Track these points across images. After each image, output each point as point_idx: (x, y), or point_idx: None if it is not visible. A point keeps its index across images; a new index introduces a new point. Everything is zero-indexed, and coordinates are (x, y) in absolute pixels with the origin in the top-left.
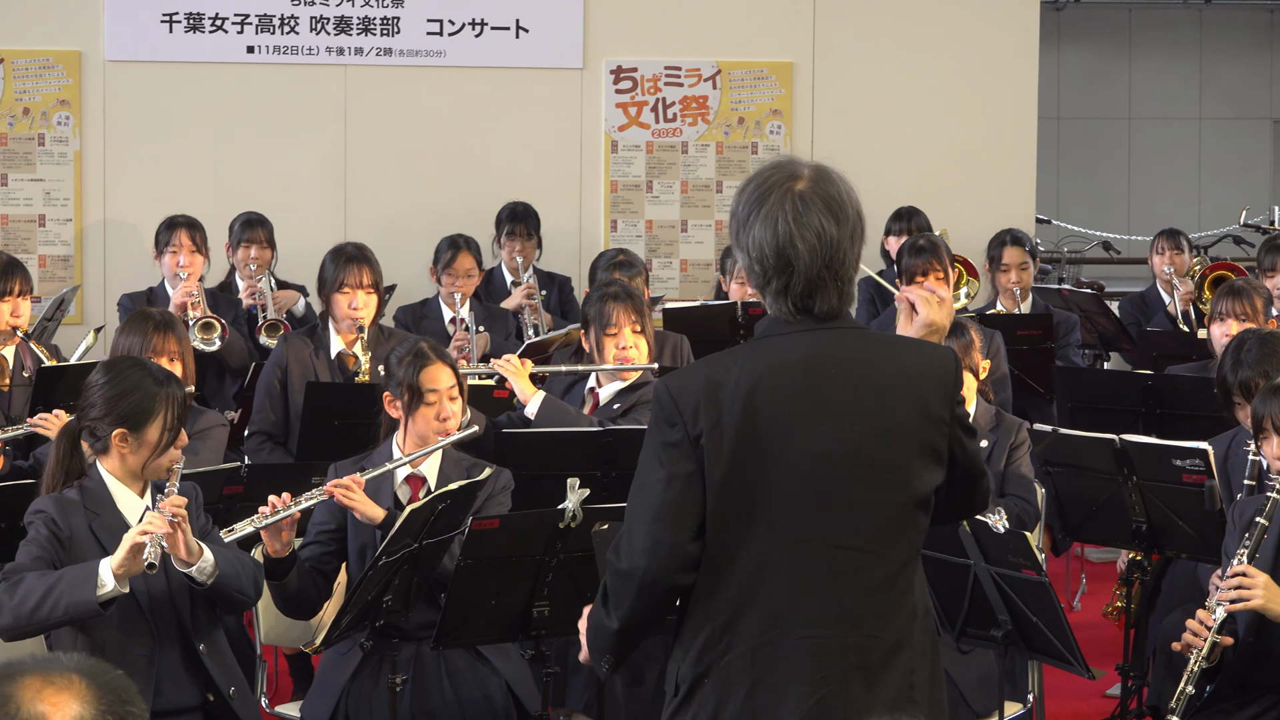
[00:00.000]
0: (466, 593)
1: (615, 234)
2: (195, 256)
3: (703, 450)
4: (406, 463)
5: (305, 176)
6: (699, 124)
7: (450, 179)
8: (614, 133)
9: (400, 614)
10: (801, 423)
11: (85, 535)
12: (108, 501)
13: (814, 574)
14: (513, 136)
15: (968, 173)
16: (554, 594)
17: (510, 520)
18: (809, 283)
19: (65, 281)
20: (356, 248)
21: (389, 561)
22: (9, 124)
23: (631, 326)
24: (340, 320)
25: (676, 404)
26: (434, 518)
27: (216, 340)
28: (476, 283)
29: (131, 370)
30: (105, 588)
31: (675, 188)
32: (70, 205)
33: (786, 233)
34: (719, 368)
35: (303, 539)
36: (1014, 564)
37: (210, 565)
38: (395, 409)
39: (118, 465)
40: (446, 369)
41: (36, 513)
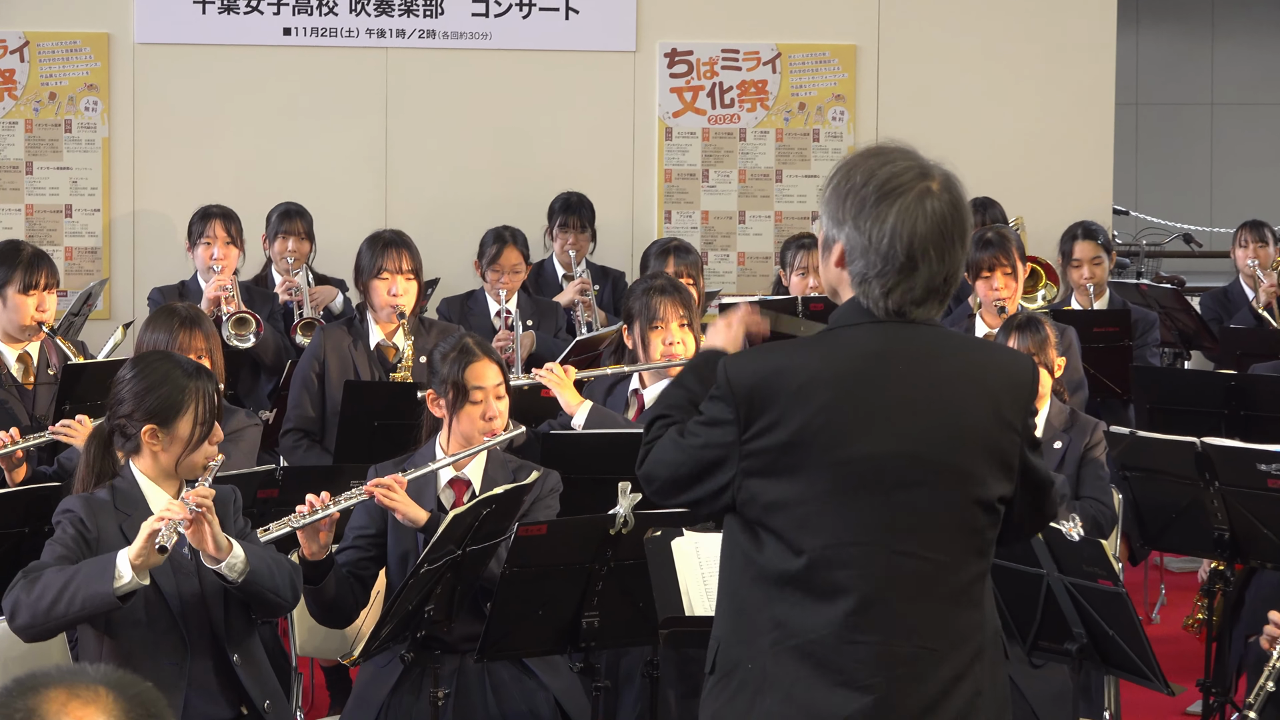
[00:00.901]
0: (512, 602)
1: (669, 225)
2: (230, 249)
3: (750, 439)
4: (450, 464)
5: (344, 165)
6: (758, 110)
7: (496, 168)
8: (668, 119)
9: (443, 624)
10: (862, 419)
11: (115, 536)
12: (139, 501)
13: (869, 581)
14: (561, 123)
15: (1041, 162)
16: (604, 604)
17: (558, 526)
18: (927, 292)
19: (93, 275)
20: (395, 232)
21: (431, 569)
22: (35, 109)
23: (679, 321)
24: (379, 309)
25: (731, 385)
26: (478, 523)
27: (251, 337)
28: (523, 278)
29: (159, 363)
30: (123, 579)
31: (732, 177)
32: (98, 195)
33: (925, 238)
34: (781, 355)
35: (340, 543)
36: (1089, 573)
37: (241, 562)
38: (438, 408)
39: (150, 464)
40: (493, 366)
41: (64, 512)
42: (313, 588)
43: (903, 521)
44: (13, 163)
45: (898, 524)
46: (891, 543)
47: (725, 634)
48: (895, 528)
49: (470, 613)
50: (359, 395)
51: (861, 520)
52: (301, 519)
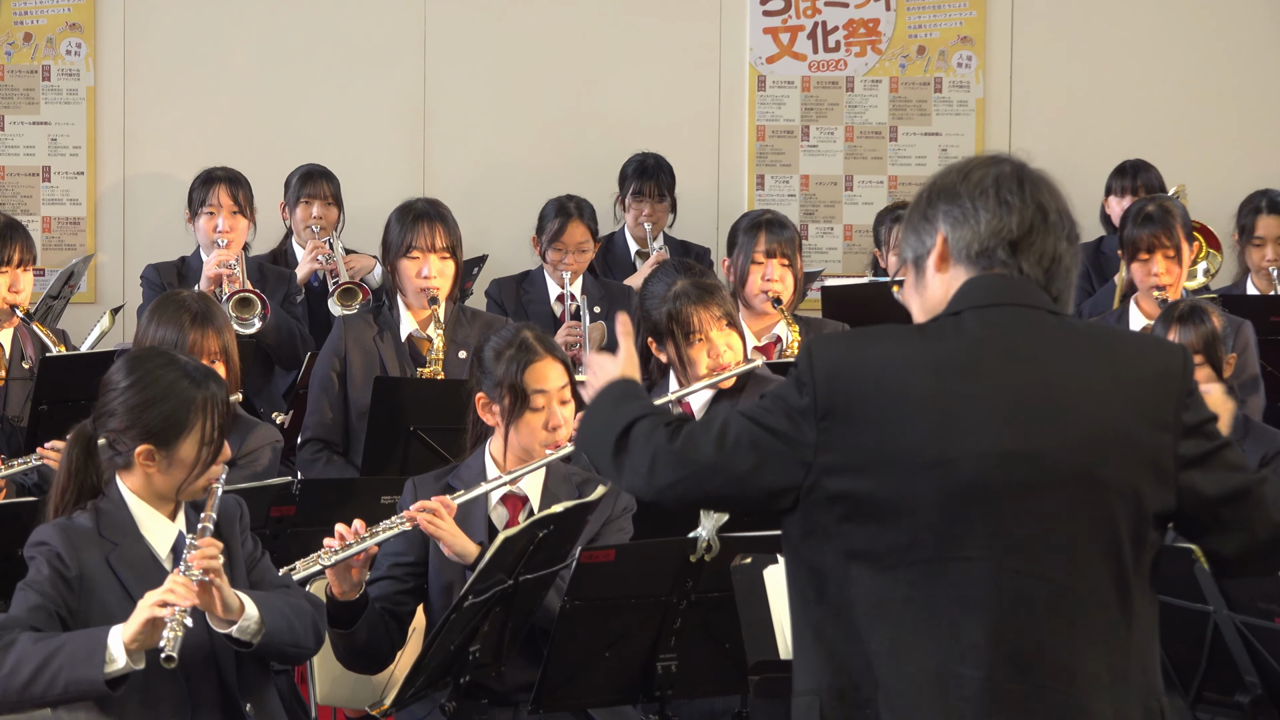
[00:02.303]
0: (574, 642)
1: (762, 193)
2: (237, 218)
3: (827, 435)
4: (506, 483)
5: (374, 121)
6: (868, 54)
7: (554, 125)
8: (761, 65)
9: (491, 669)
10: (970, 416)
11: (101, 572)
12: (129, 528)
13: (974, 603)
14: (633, 71)
15: (1210, 119)
16: (683, 644)
17: (629, 551)
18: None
19: (75, 250)
20: (428, 203)
21: (477, 602)
22: (6, 53)
23: (718, 325)
24: (409, 293)
25: (813, 369)
26: (534, 547)
27: (255, 321)
28: (590, 257)
29: (162, 370)
30: (115, 664)
31: (838, 134)
32: (82, 155)
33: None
34: (874, 345)
35: (372, 572)
36: (1265, 611)
37: (254, 623)
38: (491, 414)
39: (142, 484)
40: (558, 365)
41: (38, 545)
42: (343, 631)
43: (1018, 534)
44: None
45: (1012, 537)
46: (1004, 559)
47: (824, 685)
48: (1008, 541)
49: (524, 655)
50: (391, 394)
51: (967, 531)
52: (332, 555)
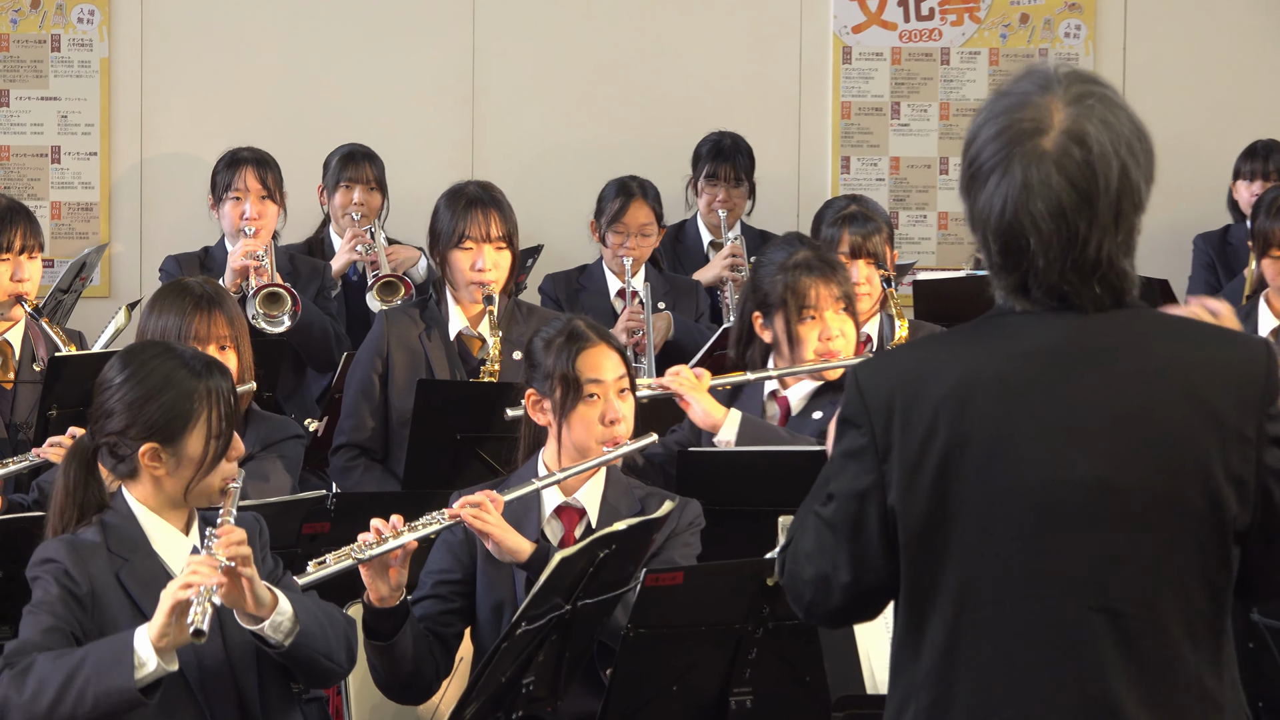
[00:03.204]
0: (638, 673)
1: (847, 176)
2: (266, 204)
3: (890, 466)
4: (557, 481)
5: (417, 97)
6: (965, 23)
7: (617, 101)
8: (846, 35)
9: (547, 702)
10: (1031, 435)
11: (112, 589)
12: (139, 541)
13: (1042, 640)
14: (705, 42)
15: None
16: (759, 677)
17: (699, 573)
18: (1050, 290)
19: (88, 239)
20: (481, 187)
21: (531, 629)
22: (12, 21)
23: (835, 306)
24: (461, 287)
25: (864, 399)
26: (594, 568)
27: (285, 318)
28: (654, 243)
29: (158, 361)
30: (145, 667)
31: (932, 112)
32: (95, 134)
33: (1015, 216)
34: (926, 355)
35: (413, 592)
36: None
37: (288, 619)
38: (542, 413)
39: (151, 491)
40: (613, 353)
41: (43, 564)
42: (380, 645)
43: (1088, 565)
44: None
45: (1082, 569)
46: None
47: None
48: (1079, 574)
49: (584, 686)
50: (436, 399)
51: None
52: (368, 549)
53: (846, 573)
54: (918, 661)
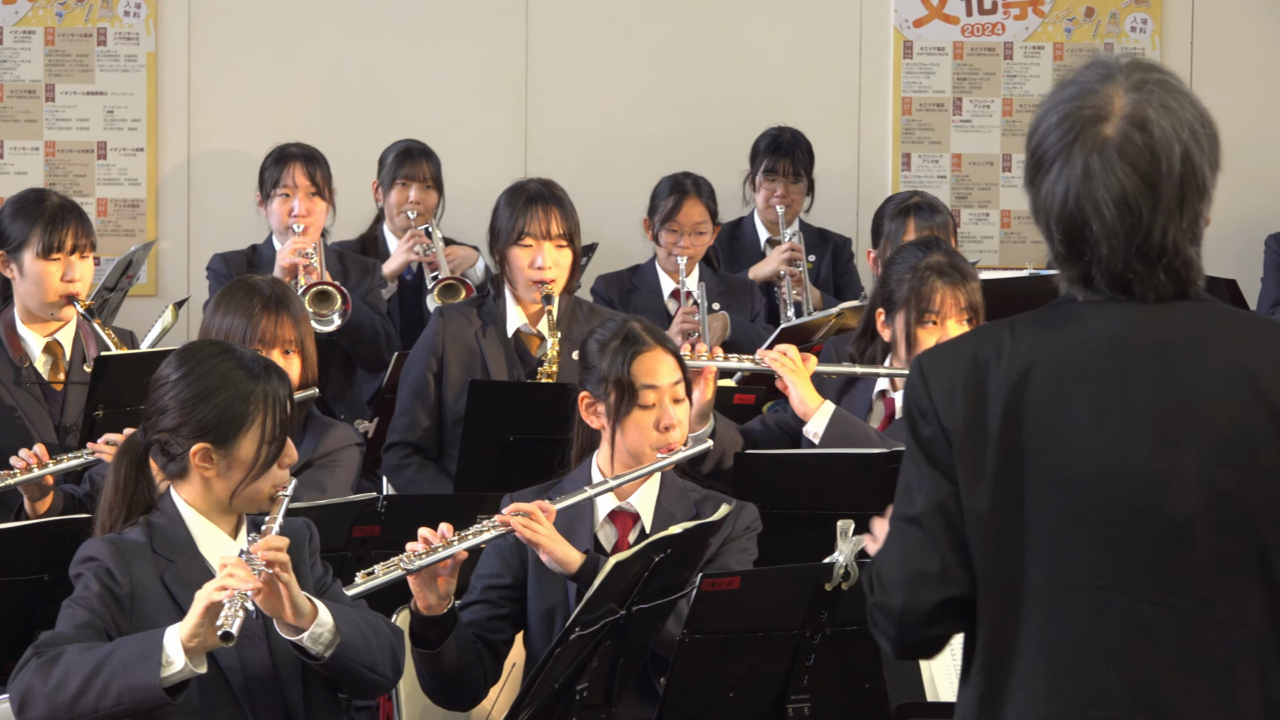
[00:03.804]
0: (693, 680)
1: (908, 173)
2: (314, 201)
3: (955, 453)
4: (611, 488)
5: (469, 92)
6: (1029, 17)
7: (673, 95)
8: (907, 29)
9: (601, 709)
10: (1088, 425)
11: (155, 591)
12: (186, 543)
13: (1100, 636)
14: (762, 35)
15: None
16: (817, 683)
17: (756, 578)
18: (1113, 279)
19: (134, 236)
20: (543, 184)
21: (585, 634)
22: (57, 15)
23: (959, 315)
24: (519, 286)
25: (928, 387)
26: (649, 573)
27: (334, 318)
28: (709, 241)
29: (216, 360)
30: (172, 666)
31: (995, 107)
32: (141, 129)
33: (1078, 204)
34: (988, 342)
35: (462, 596)
36: None
37: (328, 630)
38: (596, 416)
39: (199, 493)
40: (669, 358)
41: (85, 561)
42: (428, 653)
43: (1142, 559)
44: (28, 86)
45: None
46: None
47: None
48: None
49: (638, 693)
50: (489, 399)
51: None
52: (416, 559)
53: (936, 560)
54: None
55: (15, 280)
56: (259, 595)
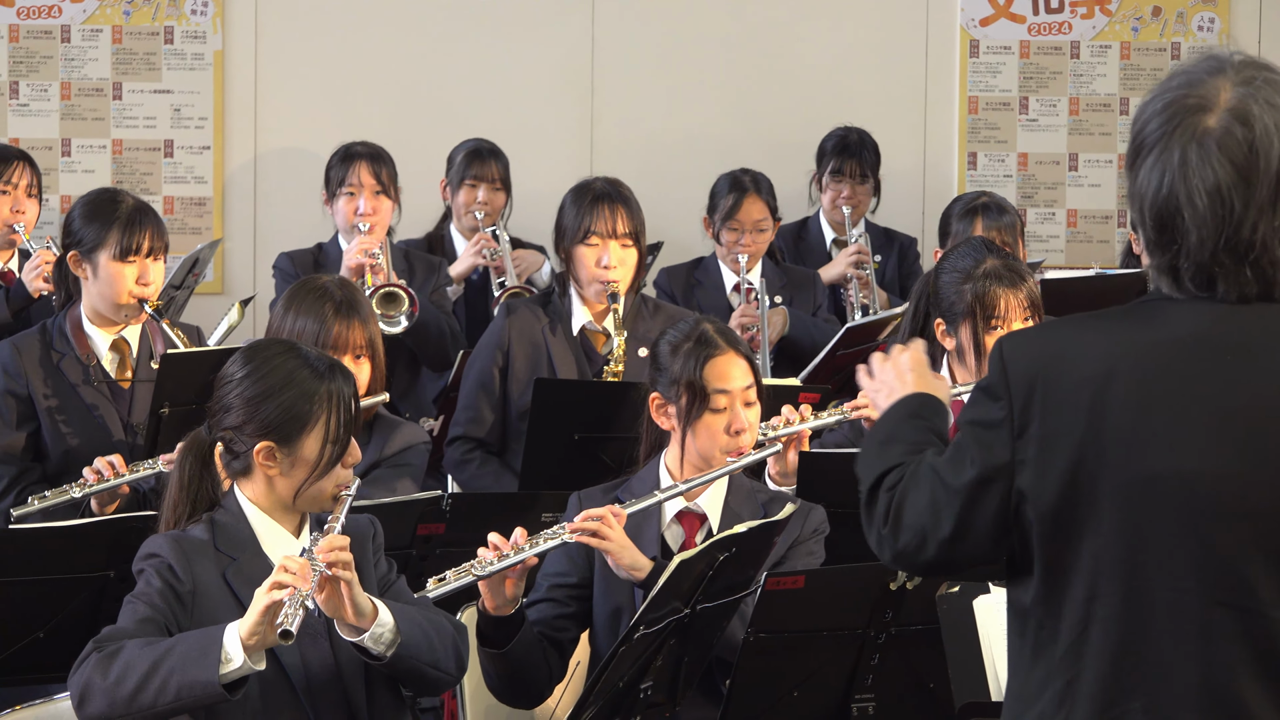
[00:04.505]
0: (758, 679)
1: (974, 173)
2: (380, 200)
3: (1026, 445)
4: (681, 493)
5: (534, 91)
6: (1096, 15)
7: (739, 95)
8: (973, 28)
9: (665, 708)
10: (1167, 425)
11: (217, 589)
12: (249, 541)
13: (1173, 639)
14: (828, 35)
15: None
16: (881, 683)
17: (821, 578)
18: (1200, 269)
19: (201, 234)
20: (608, 183)
21: (649, 633)
22: (125, 13)
23: (1022, 315)
24: (586, 284)
25: (1006, 372)
26: (713, 572)
27: (402, 319)
28: (770, 237)
29: (281, 359)
30: (231, 663)
31: (1062, 107)
32: (208, 128)
33: (1171, 192)
34: (1072, 335)
35: (529, 594)
36: None
37: (389, 631)
38: (666, 418)
39: (263, 491)
40: (741, 361)
41: (148, 558)
42: (496, 652)
43: (1217, 560)
44: (95, 84)
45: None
46: (1207, 590)
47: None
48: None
49: (702, 694)
50: (553, 397)
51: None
52: (486, 566)
53: (948, 532)
54: (1055, 643)
55: (87, 281)
56: (320, 594)
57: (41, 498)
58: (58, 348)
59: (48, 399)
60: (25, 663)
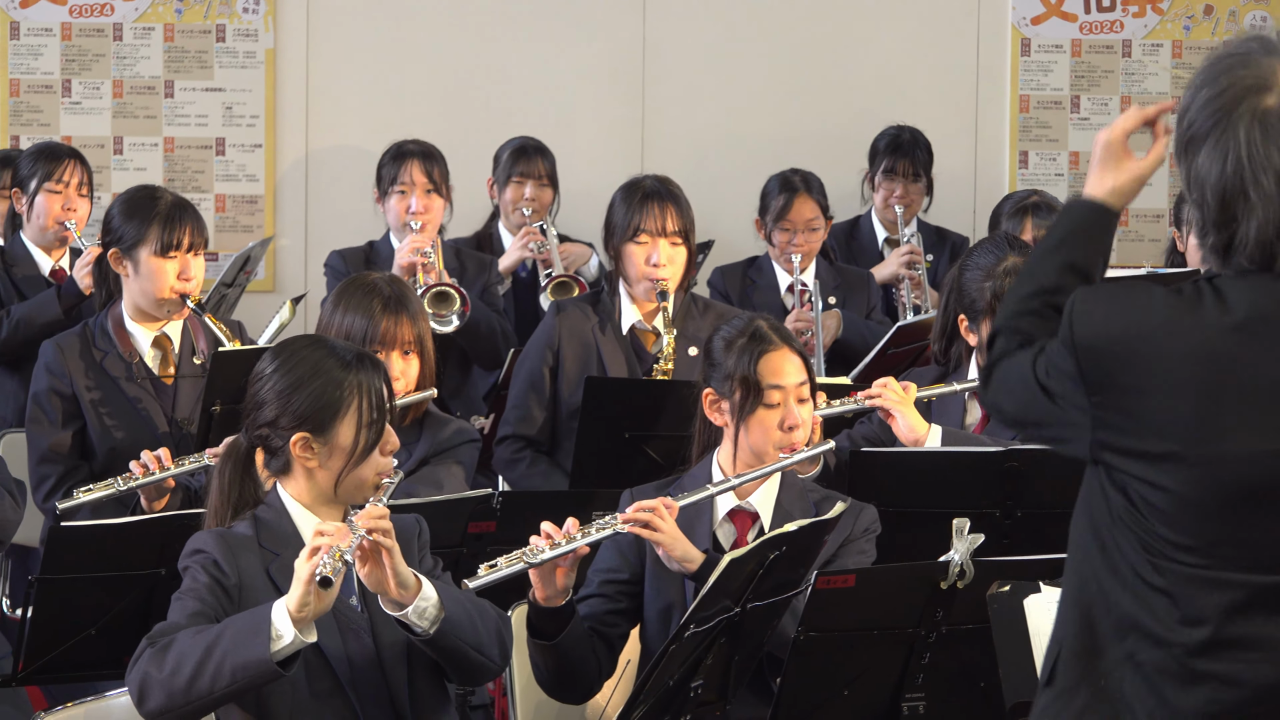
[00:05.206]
0: (808, 678)
1: (1025, 171)
2: (432, 198)
3: (1100, 409)
4: (733, 487)
5: (586, 89)
6: (1147, 14)
7: (790, 93)
8: (1025, 26)
9: (715, 707)
10: (1236, 405)
11: (261, 583)
12: (291, 536)
13: (1243, 612)
14: (879, 33)
15: None
16: (932, 682)
17: (871, 576)
18: (1262, 247)
19: (252, 232)
20: (659, 181)
21: (699, 631)
22: (177, 11)
23: None
24: (634, 282)
25: (1075, 336)
26: (764, 571)
27: (453, 318)
28: (821, 238)
29: (308, 351)
30: (282, 639)
31: (1112, 105)
32: (260, 126)
33: (1236, 172)
34: (1141, 309)
35: (580, 590)
36: None
37: (433, 605)
38: (720, 414)
39: (304, 486)
40: (795, 358)
41: (194, 554)
42: (544, 644)
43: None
44: (147, 82)
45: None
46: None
47: (1068, 637)
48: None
49: (752, 690)
50: (604, 396)
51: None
52: (538, 554)
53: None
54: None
55: (128, 278)
56: (363, 568)
57: (87, 490)
58: (100, 346)
59: (92, 397)
60: (77, 660)
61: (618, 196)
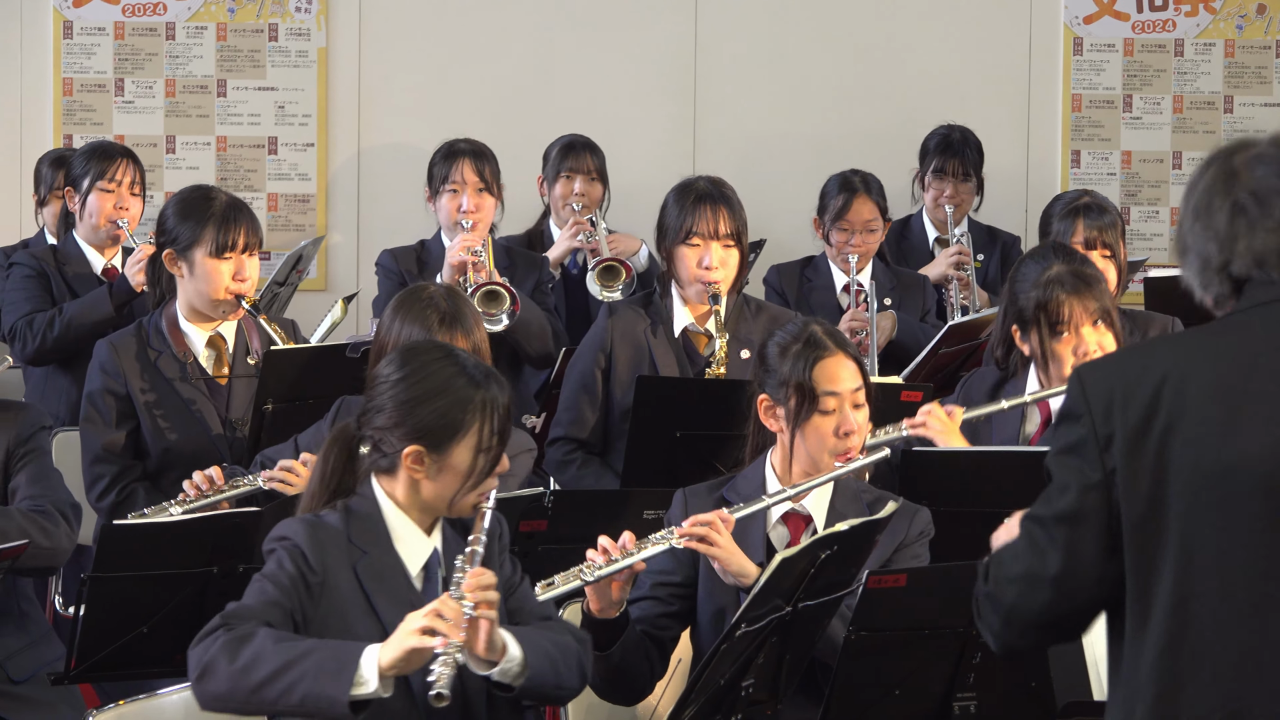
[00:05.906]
0: (860, 678)
1: (1077, 171)
2: (483, 197)
3: (1113, 456)
4: (789, 498)
5: (638, 88)
6: (1200, 13)
7: (841, 92)
8: (1077, 26)
9: (766, 706)
10: (1250, 428)
11: (346, 581)
12: (382, 537)
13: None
14: (931, 32)
15: None
16: (983, 682)
17: (923, 576)
18: None
19: (304, 231)
20: (711, 183)
21: (751, 631)
22: (230, 10)
23: (1089, 320)
24: (687, 284)
25: (1085, 393)
26: (815, 570)
27: (503, 317)
28: (879, 239)
29: (439, 364)
30: (364, 686)
31: (1165, 104)
32: (312, 125)
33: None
34: (1148, 350)
35: (633, 591)
36: None
37: (517, 665)
38: (774, 419)
39: (405, 491)
40: (851, 363)
41: (281, 539)
42: (598, 654)
43: None
44: (200, 81)
45: None
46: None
47: None
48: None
49: (803, 691)
50: (656, 395)
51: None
52: (595, 570)
53: (1057, 563)
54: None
55: (183, 278)
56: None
57: (140, 515)
58: (154, 345)
59: (146, 398)
60: (129, 657)
61: (670, 198)
